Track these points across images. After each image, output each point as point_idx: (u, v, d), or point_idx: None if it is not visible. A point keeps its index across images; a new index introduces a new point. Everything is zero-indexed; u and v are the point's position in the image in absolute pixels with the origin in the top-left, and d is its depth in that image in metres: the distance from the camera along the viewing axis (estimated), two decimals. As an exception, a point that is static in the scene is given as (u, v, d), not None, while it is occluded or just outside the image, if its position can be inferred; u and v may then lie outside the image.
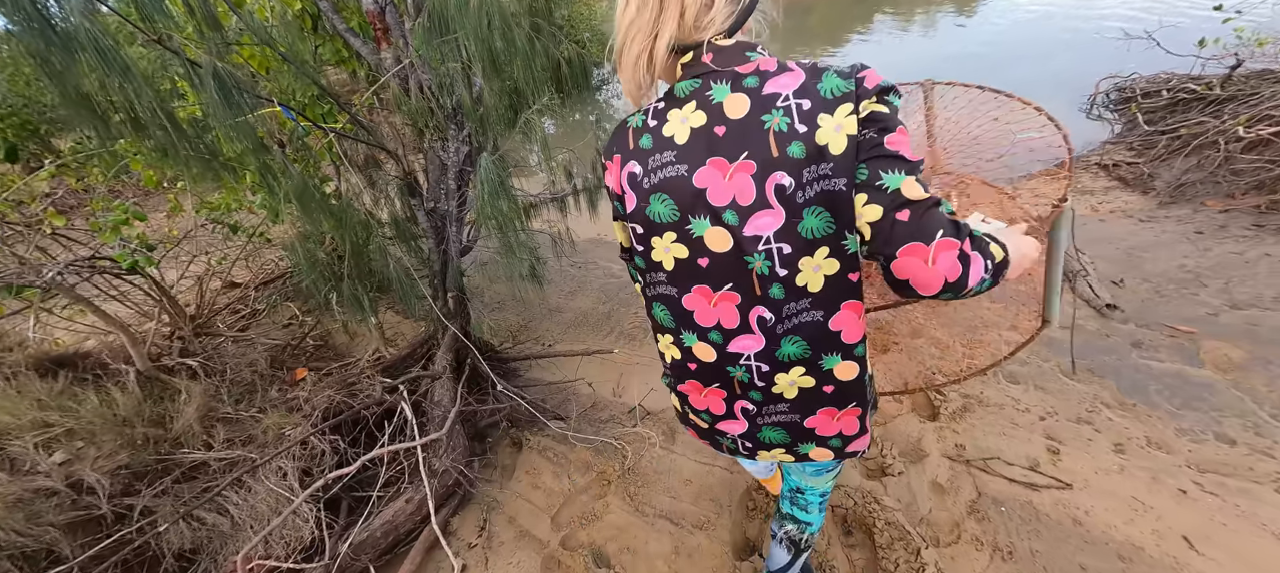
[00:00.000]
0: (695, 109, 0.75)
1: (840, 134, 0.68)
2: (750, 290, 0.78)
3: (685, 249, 0.79)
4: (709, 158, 0.74)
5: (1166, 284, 2.62)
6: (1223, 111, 3.60)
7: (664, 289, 0.86)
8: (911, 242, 0.66)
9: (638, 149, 0.80)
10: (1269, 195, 2.88)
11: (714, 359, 0.86)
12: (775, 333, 0.80)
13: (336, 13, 2.66)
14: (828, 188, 0.69)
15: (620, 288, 3.66)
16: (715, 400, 0.91)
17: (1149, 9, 6.74)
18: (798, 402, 0.86)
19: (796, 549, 1.30)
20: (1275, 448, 1.84)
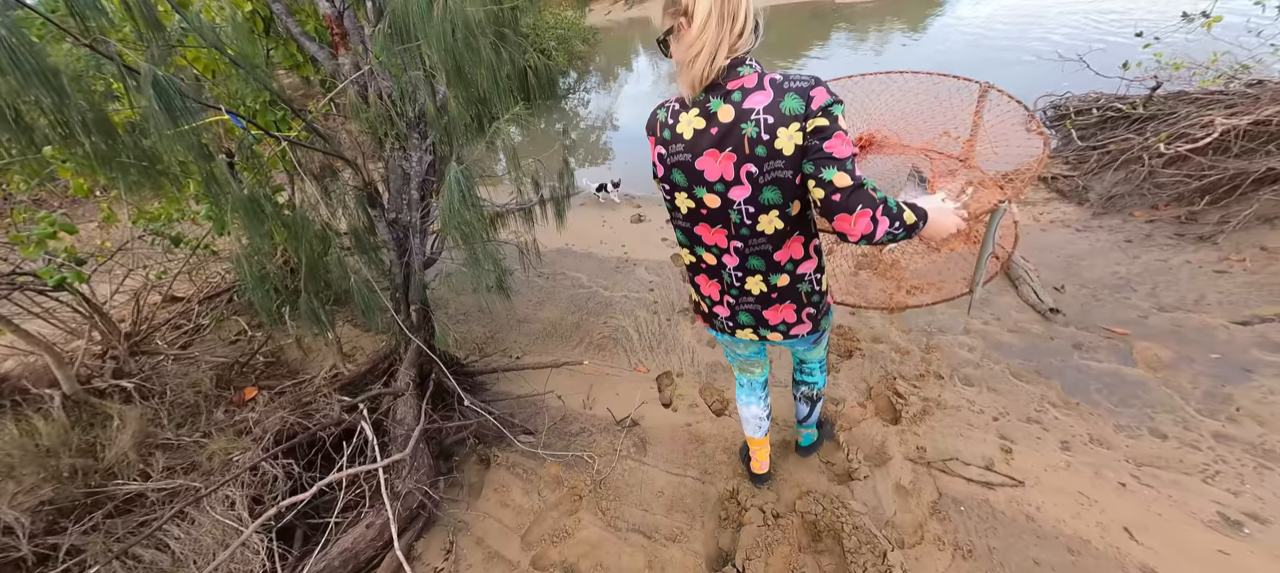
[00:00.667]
0: (697, 115, 1.11)
1: (790, 143, 1.04)
2: (731, 230, 1.20)
3: (693, 203, 1.21)
4: (706, 149, 1.11)
5: (1102, 289, 2.80)
6: (1145, 129, 3.90)
7: (682, 223, 1.29)
8: (841, 212, 1.02)
9: (662, 138, 1.18)
10: (1187, 207, 3.12)
11: (713, 264, 1.31)
12: (744, 254, 1.23)
13: (291, 16, 2.55)
14: (780, 175, 1.08)
15: (588, 298, 3.63)
16: (713, 290, 1.37)
17: (1079, 33, 7.25)
18: (758, 298, 1.30)
19: (812, 402, 1.88)
20: (1201, 441, 1.98)
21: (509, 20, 2.49)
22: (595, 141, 8.67)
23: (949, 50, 8.32)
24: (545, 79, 2.32)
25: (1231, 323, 2.42)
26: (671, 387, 2.65)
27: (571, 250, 4.41)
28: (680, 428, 2.38)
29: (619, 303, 3.51)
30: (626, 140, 8.16)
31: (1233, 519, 1.72)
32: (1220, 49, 3.84)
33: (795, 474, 2.07)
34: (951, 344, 2.66)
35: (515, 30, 2.80)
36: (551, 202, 3.20)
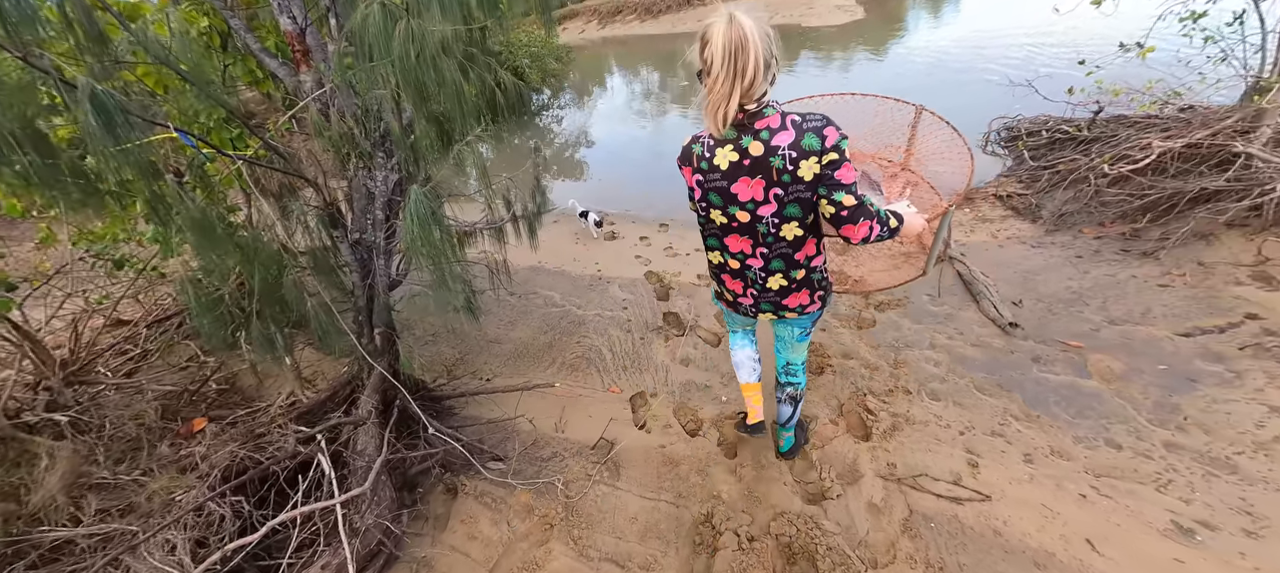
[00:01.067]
0: (732, 149, 1.34)
1: (810, 171, 1.30)
2: (757, 239, 1.46)
3: (726, 219, 1.45)
4: (740, 177, 1.35)
5: (1057, 303, 2.90)
6: (1090, 150, 4.10)
7: (715, 233, 1.53)
8: (847, 224, 1.33)
9: (699, 168, 1.40)
10: (1131, 224, 3.28)
11: (738, 268, 1.57)
12: (768, 258, 1.49)
13: (250, 31, 2.46)
14: (800, 196, 1.34)
15: (561, 317, 3.57)
16: (738, 287, 1.63)
17: (1024, 59, 7.64)
18: (778, 292, 1.57)
19: (794, 402, 2.01)
20: (1153, 451, 2.05)
21: (477, 40, 2.46)
22: (570, 158, 8.66)
23: (910, 73, 8.65)
24: (514, 98, 2.29)
25: (1176, 335, 2.54)
26: (645, 407, 2.61)
27: (544, 268, 4.35)
28: (654, 450, 2.34)
29: (592, 322, 3.47)
30: (602, 157, 8.17)
31: (1185, 528, 1.78)
32: (1154, 77, 4.10)
33: (770, 496, 2.05)
34: (919, 359, 2.71)
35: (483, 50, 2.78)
36: (523, 220, 3.15)
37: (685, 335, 3.17)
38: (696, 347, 3.05)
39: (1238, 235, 2.94)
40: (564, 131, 9.98)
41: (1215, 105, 3.81)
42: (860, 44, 11.49)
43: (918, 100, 2.22)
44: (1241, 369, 2.30)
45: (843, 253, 2.54)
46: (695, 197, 1.46)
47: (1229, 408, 2.15)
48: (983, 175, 4.80)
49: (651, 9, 17.47)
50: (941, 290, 3.22)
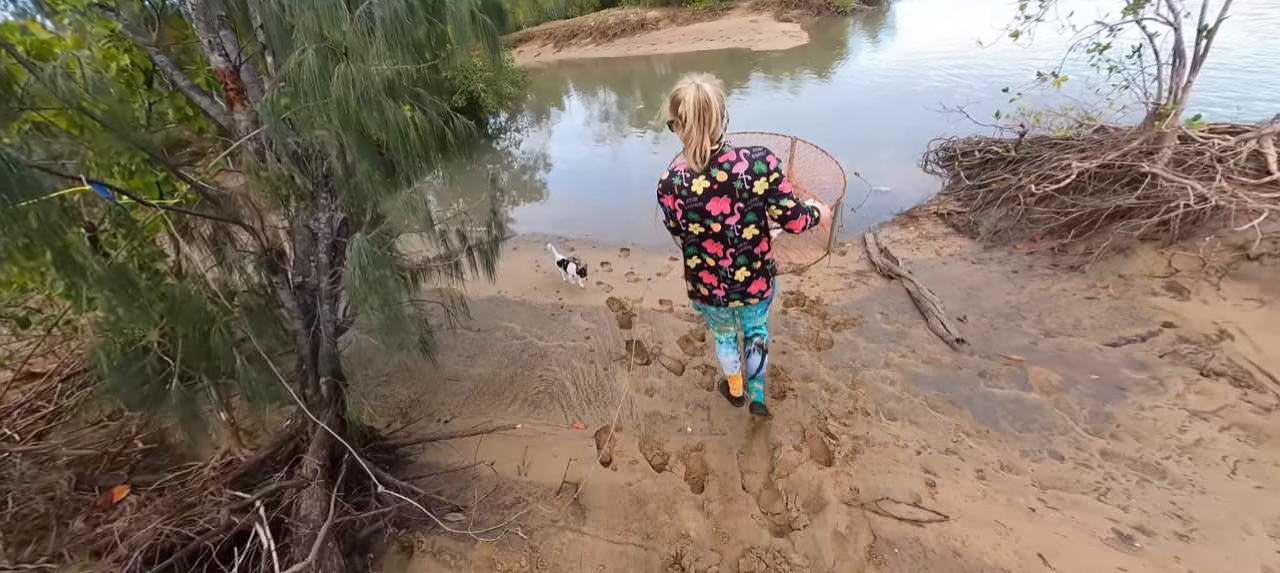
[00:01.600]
0: (704, 179, 1.73)
1: (762, 188, 1.72)
2: (727, 243, 1.85)
3: (702, 228, 1.83)
4: (711, 199, 1.75)
5: (998, 319, 3.04)
6: (1018, 169, 4.37)
7: (694, 241, 1.92)
8: (791, 220, 1.78)
9: (680, 195, 1.79)
10: (1058, 240, 3.50)
11: (713, 265, 1.94)
12: (735, 256, 1.89)
13: (177, 68, 2.30)
14: (755, 206, 1.76)
15: (523, 350, 3.47)
16: (713, 280, 1.99)
17: (953, 86, 8.14)
18: (743, 282, 1.95)
19: (763, 350, 2.31)
20: (1092, 460, 2.15)
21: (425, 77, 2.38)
22: (528, 181, 8.56)
23: (853, 95, 9.05)
24: (464, 135, 2.22)
25: (1104, 345, 2.70)
26: (610, 443, 2.54)
27: (505, 299, 4.24)
28: (620, 489, 2.27)
29: (554, 353, 3.38)
30: (560, 179, 8.12)
31: (1125, 535, 1.86)
32: (1067, 103, 4.43)
33: (738, 530, 2.03)
34: (875, 379, 2.76)
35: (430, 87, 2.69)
36: (480, 253, 3.06)
37: (649, 364, 3.14)
38: (660, 375, 3.02)
39: (1150, 249, 3.17)
40: (522, 155, 9.88)
41: (1123, 127, 4.14)
42: (805, 67, 11.98)
43: (865, 119, 2.50)
44: (1163, 376, 2.46)
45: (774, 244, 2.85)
46: (677, 216, 1.87)
47: (1155, 414, 2.29)
48: (925, 194, 5.03)
49: (606, 33, 17.68)
50: (893, 308, 3.33)
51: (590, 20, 18.90)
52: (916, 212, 4.64)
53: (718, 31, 15.40)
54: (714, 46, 15.16)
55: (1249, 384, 2.33)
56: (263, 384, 1.94)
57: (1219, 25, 3.26)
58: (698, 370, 3.01)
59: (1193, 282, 2.91)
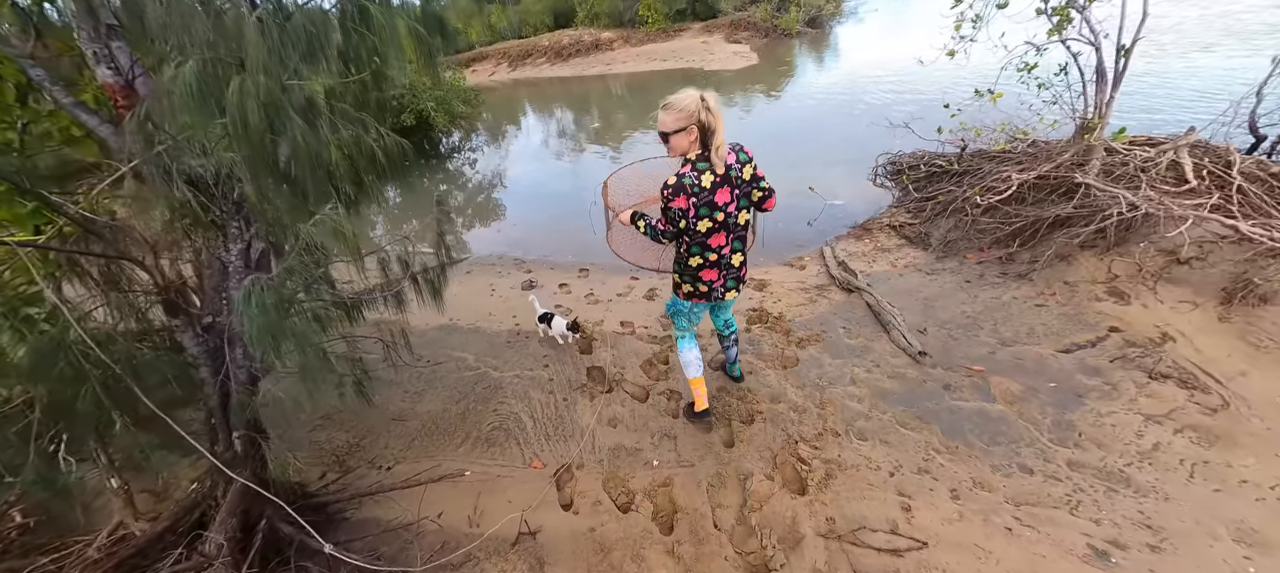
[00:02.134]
0: (708, 173, 1.85)
1: (748, 174, 1.93)
2: (728, 230, 1.99)
3: (711, 223, 1.93)
4: (717, 190, 1.88)
5: (956, 329, 3.03)
6: (963, 181, 4.50)
7: (702, 239, 1.98)
8: (768, 199, 2.03)
9: (692, 193, 1.85)
10: (1005, 249, 3.58)
11: (715, 259, 2.04)
12: (732, 242, 2.04)
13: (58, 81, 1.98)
14: (746, 191, 1.96)
15: (476, 382, 3.20)
16: (713, 275, 2.09)
17: (893, 102, 8.48)
18: (738, 267, 2.13)
19: (736, 341, 2.66)
20: (1060, 472, 2.11)
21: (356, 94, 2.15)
22: (484, 202, 8.25)
23: (801, 112, 9.27)
24: (396, 155, 1.99)
25: (1057, 352, 2.72)
26: (572, 483, 2.33)
27: (457, 326, 3.95)
28: (583, 536, 2.06)
29: (510, 384, 3.14)
30: (517, 199, 7.86)
31: (1100, 550, 1.81)
32: (1001, 118, 4.62)
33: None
34: (843, 396, 2.68)
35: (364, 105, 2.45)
36: (425, 280, 2.80)
37: (612, 392, 2.95)
38: (624, 404, 2.83)
39: (1091, 256, 3.28)
40: (476, 175, 9.56)
41: (1054, 141, 4.33)
42: (756, 86, 12.26)
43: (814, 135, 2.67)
44: (1115, 381, 2.48)
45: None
46: (689, 215, 1.90)
47: (1113, 420, 2.29)
48: (876, 207, 5.12)
49: (561, 53, 17.63)
50: (855, 322, 3.28)
51: (545, 40, 18.80)
52: (870, 224, 4.69)
53: (671, 52, 15.61)
54: (668, 67, 15.33)
55: (1194, 385, 2.38)
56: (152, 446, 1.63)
57: (1135, 44, 3.45)
58: (662, 397, 2.85)
59: (1132, 286, 3.00)
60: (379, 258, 2.75)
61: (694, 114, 1.77)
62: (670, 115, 1.80)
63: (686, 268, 2.09)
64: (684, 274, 2.12)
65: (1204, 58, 7.41)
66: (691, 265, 2.07)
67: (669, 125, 1.81)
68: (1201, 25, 8.70)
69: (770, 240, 4.88)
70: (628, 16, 18.44)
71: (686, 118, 1.78)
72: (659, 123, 1.85)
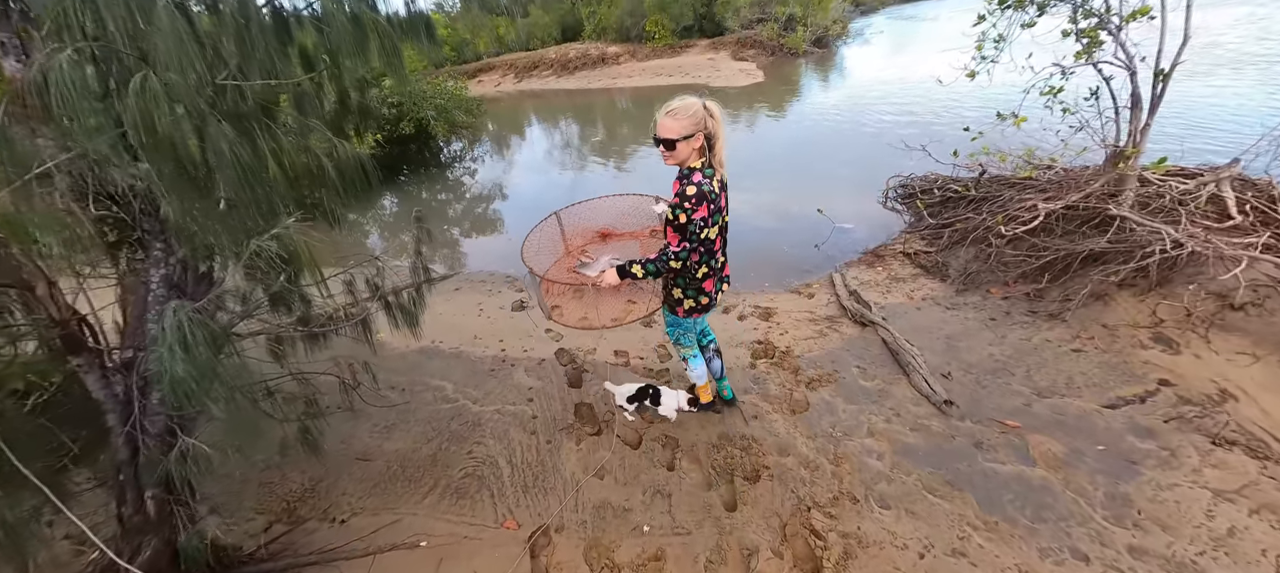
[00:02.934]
0: (716, 178, 1.81)
1: (726, 178, 1.90)
2: (724, 235, 1.98)
3: (717, 229, 1.89)
4: (721, 194, 1.84)
5: (984, 374, 2.70)
6: (981, 208, 4.19)
7: (709, 247, 1.88)
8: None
9: (712, 200, 1.77)
10: (1033, 284, 3.26)
11: (717, 267, 2.01)
12: (724, 248, 2.02)
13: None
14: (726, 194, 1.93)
15: (453, 417, 2.87)
16: (712, 285, 2.04)
17: (902, 124, 8.21)
18: (723, 265, 2.06)
19: (720, 353, 2.50)
20: (1120, 560, 1.77)
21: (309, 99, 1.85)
22: (482, 213, 7.97)
23: (807, 130, 9.00)
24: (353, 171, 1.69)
25: (1102, 407, 2.38)
26: (549, 551, 1.99)
27: (438, 350, 3.63)
28: (557, 624, 1.72)
29: (490, 421, 2.80)
30: (518, 210, 7.58)
31: (1183, 672, 1.46)
32: (1019, 144, 4.32)
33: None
34: (860, 451, 2.34)
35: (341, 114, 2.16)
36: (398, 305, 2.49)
37: (600, 435, 2.61)
38: (614, 450, 2.50)
39: (1130, 296, 2.95)
40: (476, 184, 9.29)
41: (1078, 168, 4.03)
42: (762, 103, 12.03)
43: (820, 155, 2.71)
44: (1174, 446, 2.14)
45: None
46: (707, 224, 1.77)
47: (1176, 496, 1.95)
48: (886, 231, 4.81)
49: (567, 66, 17.49)
50: (870, 361, 2.95)
51: (552, 53, 18.69)
52: (882, 251, 4.37)
53: (677, 67, 15.45)
54: (673, 82, 15.14)
55: (1267, 455, 2.05)
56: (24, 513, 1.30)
57: (1174, 69, 3.15)
58: (657, 443, 2.51)
59: (1180, 333, 2.67)
60: (346, 279, 2.44)
61: (701, 120, 1.71)
62: (679, 121, 1.70)
63: (692, 282, 1.98)
64: (688, 289, 2.01)
65: (1206, 87, 7.13)
66: (698, 278, 1.97)
67: (676, 131, 1.70)
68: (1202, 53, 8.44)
69: (776, 265, 4.57)
70: (634, 32, 18.32)
71: (695, 124, 1.70)
72: (661, 129, 1.72)
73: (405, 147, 9.56)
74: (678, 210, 1.74)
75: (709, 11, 18.10)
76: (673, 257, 1.80)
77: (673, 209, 1.76)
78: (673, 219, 1.77)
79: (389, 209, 8.64)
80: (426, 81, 9.46)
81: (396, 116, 8.90)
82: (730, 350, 3.25)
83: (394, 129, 9.00)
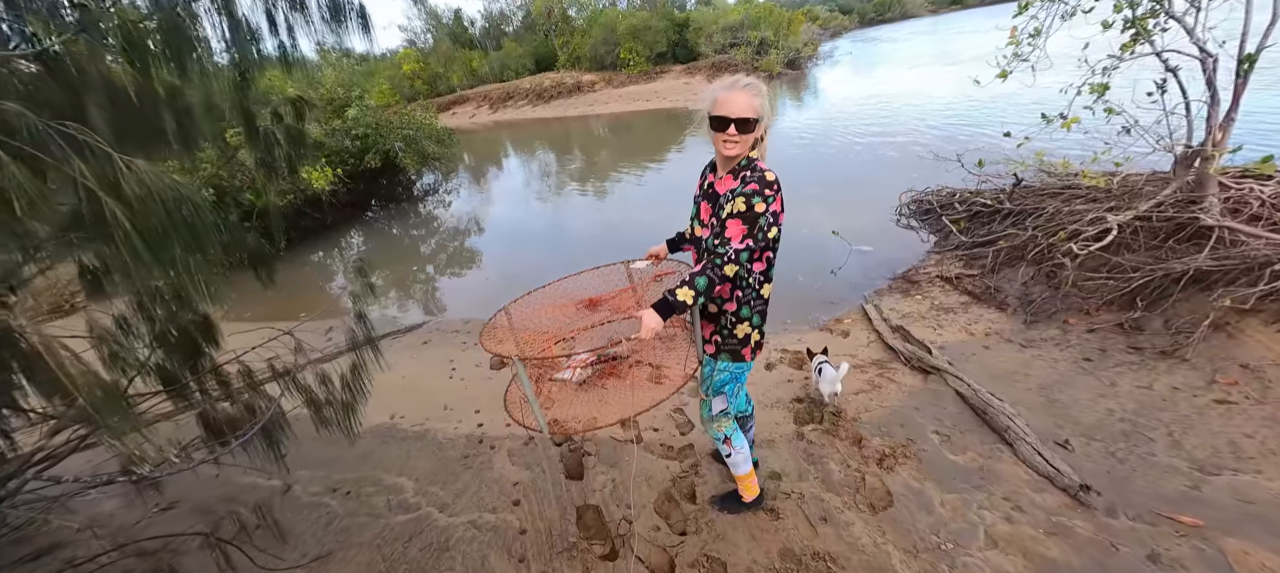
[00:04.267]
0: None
1: None
2: None
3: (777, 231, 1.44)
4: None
5: (1113, 441, 2.03)
6: (1023, 223, 3.62)
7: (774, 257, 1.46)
8: None
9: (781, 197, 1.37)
10: (1122, 312, 2.65)
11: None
12: None
13: None
14: None
15: (412, 534, 2.06)
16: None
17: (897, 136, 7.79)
18: None
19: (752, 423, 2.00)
20: None
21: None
22: (457, 249, 7.16)
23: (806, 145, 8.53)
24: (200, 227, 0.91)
25: (1296, 486, 1.73)
26: None
27: (398, 429, 2.81)
28: None
29: (461, 541, 2.00)
30: (497, 243, 6.82)
31: None
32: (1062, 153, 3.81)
33: None
34: (979, 567, 1.62)
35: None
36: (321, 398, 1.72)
37: (615, 561, 1.83)
38: (637, 587, 1.72)
39: (1259, 325, 2.34)
40: (451, 217, 8.49)
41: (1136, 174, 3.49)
42: (743, 125, 11.62)
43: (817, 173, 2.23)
44: None
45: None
46: (776, 222, 1.38)
47: None
48: (911, 252, 4.21)
49: (542, 95, 16.96)
50: (950, 423, 2.26)
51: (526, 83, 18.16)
52: (914, 275, 3.75)
53: (654, 92, 15.07)
54: (651, 106, 14.72)
55: None
56: None
57: (1260, 53, 2.64)
58: (695, 570, 1.75)
59: (1349, 373, 2.07)
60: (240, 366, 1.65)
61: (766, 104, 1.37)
62: (757, 100, 1.32)
63: (758, 301, 1.48)
64: (754, 313, 1.49)
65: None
66: (765, 297, 1.49)
67: (754, 110, 1.31)
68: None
69: (792, 297, 3.90)
70: (609, 60, 17.98)
71: (763, 109, 1.34)
72: (732, 106, 1.30)
73: (373, 181, 8.72)
74: (756, 198, 1.28)
75: (682, 38, 17.92)
76: (732, 256, 1.28)
77: (748, 197, 1.28)
78: (747, 209, 1.29)
79: (355, 248, 7.76)
80: (393, 112, 8.69)
81: (361, 149, 8.08)
82: (764, 412, 2.53)
83: (359, 162, 8.17)
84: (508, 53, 21.10)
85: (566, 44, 19.94)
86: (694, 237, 1.57)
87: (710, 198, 1.46)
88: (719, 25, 16.78)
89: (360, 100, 7.83)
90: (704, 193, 1.49)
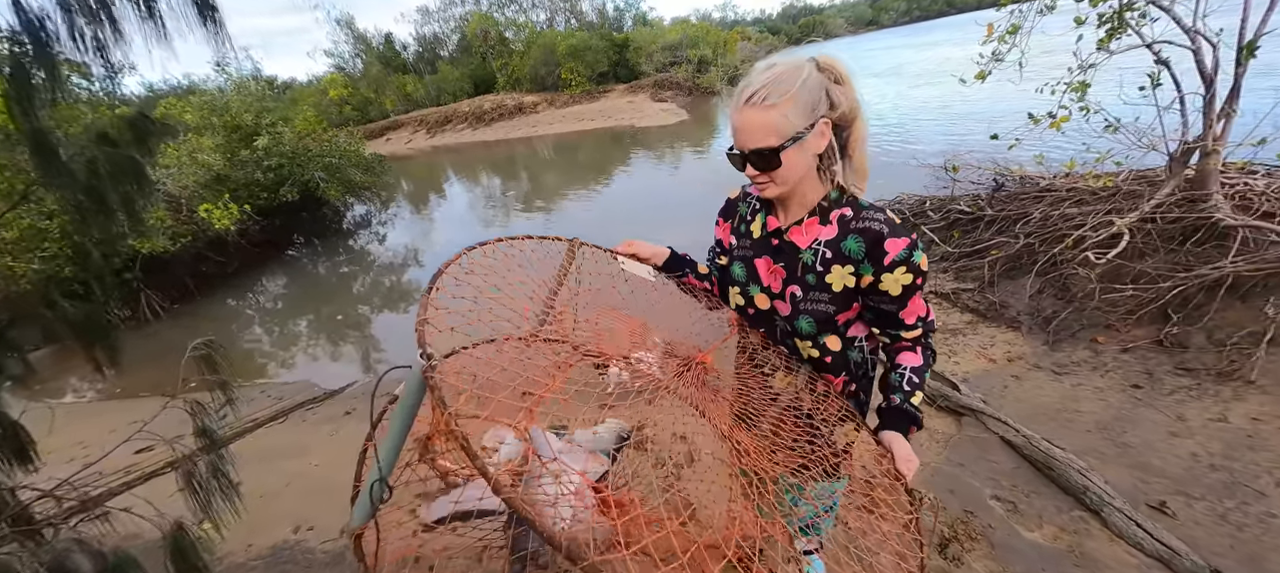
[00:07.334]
0: None
1: None
2: None
3: None
4: None
5: (1213, 497, 1.63)
6: (1012, 229, 3.34)
7: None
8: None
9: None
10: (1156, 326, 2.33)
11: None
12: None
13: None
14: None
15: None
16: None
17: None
18: None
19: None
20: None
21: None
22: (392, 288, 6.23)
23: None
24: None
25: None
26: None
27: (302, 550, 2.03)
28: None
29: None
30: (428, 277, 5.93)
31: None
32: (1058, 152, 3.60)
33: None
34: None
35: None
36: None
37: None
38: None
39: (1313, 334, 2.06)
40: (386, 252, 7.51)
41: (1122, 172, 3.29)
42: (683, 142, 11.37)
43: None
44: None
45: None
46: None
47: None
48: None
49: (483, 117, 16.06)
50: (1009, 482, 1.80)
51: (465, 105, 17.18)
52: (905, 292, 3.37)
53: (598, 112, 14.59)
54: (596, 126, 14.22)
55: None
56: None
57: (1258, 38, 2.44)
58: None
59: None
60: None
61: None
62: (765, 114, 0.78)
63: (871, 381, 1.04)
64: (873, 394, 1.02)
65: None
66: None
67: (766, 135, 0.79)
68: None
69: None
70: (550, 80, 17.37)
71: (795, 118, 0.79)
72: (739, 135, 0.82)
73: (293, 215, 7.58)
74: (917, 252, 0.82)
75: (623, 58, 17.64)
76: (932, 328, 0.92)
77: (909, 265, 0.81)
78: (914, 276, 0.82)
79: (270, 294, 6.61)
80: (314, 140, 7.63)
81: (275, 181, 6.97)
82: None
83: (273, 196, 7.04)
84: (444, 76, 20.01)
85: (505, 66, 19.16)
86: (753, 312, 0.98)
87: (776, 253, 0.91)
88: (658, 45, 16.65)
89: (272, 128, 6.75)
90: (761, 244, 0.93)
